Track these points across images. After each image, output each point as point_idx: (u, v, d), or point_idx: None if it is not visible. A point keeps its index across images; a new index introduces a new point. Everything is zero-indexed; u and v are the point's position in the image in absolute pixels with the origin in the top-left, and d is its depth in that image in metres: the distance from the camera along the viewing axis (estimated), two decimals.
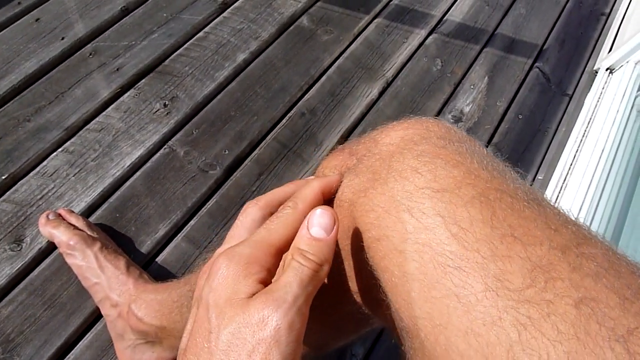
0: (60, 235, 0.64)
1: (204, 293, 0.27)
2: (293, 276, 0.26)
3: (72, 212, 0.69)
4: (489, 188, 0.26)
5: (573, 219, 0.26)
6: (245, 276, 0.26)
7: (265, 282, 0.27)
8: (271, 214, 0.32)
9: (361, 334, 0.67)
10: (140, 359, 0.59)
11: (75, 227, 0.66)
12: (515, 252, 0.23)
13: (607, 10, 1.37)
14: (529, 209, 0.25)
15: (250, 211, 0.35)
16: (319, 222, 0.28)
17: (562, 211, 0.26)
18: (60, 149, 0.76)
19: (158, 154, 0.79)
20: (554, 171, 1.01)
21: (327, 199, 0.34)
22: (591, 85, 1.16)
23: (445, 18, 1.15)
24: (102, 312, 0.62)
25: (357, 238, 0.31)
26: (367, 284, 0.32)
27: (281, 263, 0.29)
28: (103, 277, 0.61)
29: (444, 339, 0.23)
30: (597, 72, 1.18)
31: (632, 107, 1.00)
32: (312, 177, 0.37)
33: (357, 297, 0.35)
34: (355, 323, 0.44)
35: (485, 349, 0.21)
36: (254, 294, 0.26)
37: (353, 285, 0.35)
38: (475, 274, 0.23)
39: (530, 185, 0.30)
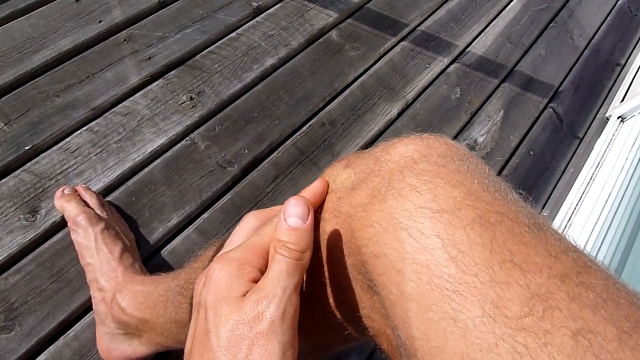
0: (70, 210, 0.64)
1: (202, 297, 0.29)
2: (279, 269, 0.28)
3: (89, 189, 0.69)
4: (489, 210, 0.26)
5: (574, 245, 0.26)
6: (238, 276, 0.28)
7: (257, 281, 0.29)
8: None
9: (349, 346, 0.66)
10: (116, 348, 0.59)
11: (87, 205, 0.66)
12: (514, 279, 0.22)
13: (623, 62, 1.41)
14: (529, 234, 0.25)
15: (248, 220, 0.36)
16: (295, 212, 0.29)
17: (563, 237, 0.26)
18: (84, 128, 0.77)
19: (179, 145, 0.81)
20: (559, 209, 1.02)
21: (316, 209, 0.33)
22: (602, 131, 1.19)
23: (468, 49, 1.18)
24: (90, 292, 0.62)
25: (353, 250, 0.31)
26: (358, 296, 0.32)
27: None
28: (97, 258, 0.62)
29: None
30: (608, 119, 1.21)
31: None
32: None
33: (345, 309, 0.34)
34: (340, 337, 0.42)
35: None
36: (246, 292, 0.27)
37: (343, 296, 0.34)
38: (473, 298, 0.23)
39: None
